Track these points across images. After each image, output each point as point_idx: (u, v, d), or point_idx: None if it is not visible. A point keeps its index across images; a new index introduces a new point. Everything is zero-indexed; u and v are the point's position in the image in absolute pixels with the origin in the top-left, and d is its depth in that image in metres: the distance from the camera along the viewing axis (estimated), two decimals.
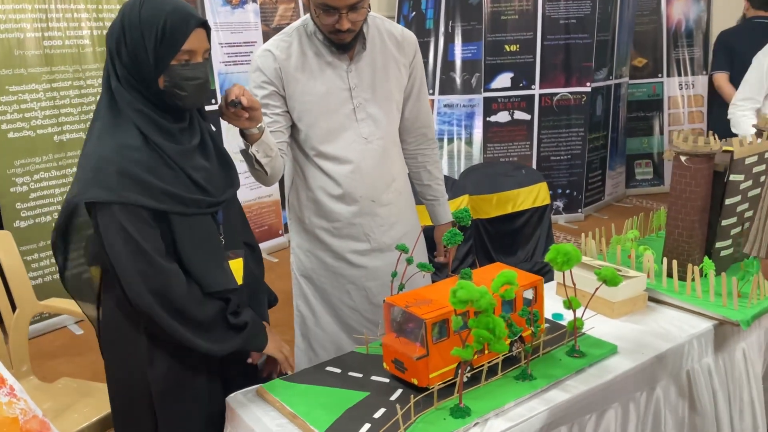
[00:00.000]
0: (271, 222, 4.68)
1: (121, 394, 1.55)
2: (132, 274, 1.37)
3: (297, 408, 1.37)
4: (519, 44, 4.77)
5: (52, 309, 2.30)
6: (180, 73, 1.37)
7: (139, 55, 1.36)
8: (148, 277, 1.37)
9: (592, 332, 1.63)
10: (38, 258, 3.41)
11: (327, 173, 1.91)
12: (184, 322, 1.41)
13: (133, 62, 1.37)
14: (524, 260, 3.12)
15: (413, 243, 1.93)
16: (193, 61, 1.39)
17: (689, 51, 5.72)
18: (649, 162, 5.86)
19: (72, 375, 2.24)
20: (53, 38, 3.37)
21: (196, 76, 1.39)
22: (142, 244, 1.36)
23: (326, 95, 1.86)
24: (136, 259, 1.36)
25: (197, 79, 1.39)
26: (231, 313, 1.46)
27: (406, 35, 1.97)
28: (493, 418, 1.34)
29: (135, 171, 1.34)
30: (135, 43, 1.36)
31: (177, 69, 1.37)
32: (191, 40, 1.37)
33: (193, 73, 1.39)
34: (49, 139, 3.40)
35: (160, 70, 1.36)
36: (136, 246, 1.36)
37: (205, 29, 1.41)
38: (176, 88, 1.38)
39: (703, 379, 1.68)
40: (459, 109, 4.82)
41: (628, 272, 1.82)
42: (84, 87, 3.51)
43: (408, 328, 1.40)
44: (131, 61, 1.37)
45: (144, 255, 1.36)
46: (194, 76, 1.39)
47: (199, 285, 1.42)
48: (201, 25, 1.39)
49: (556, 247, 1.45)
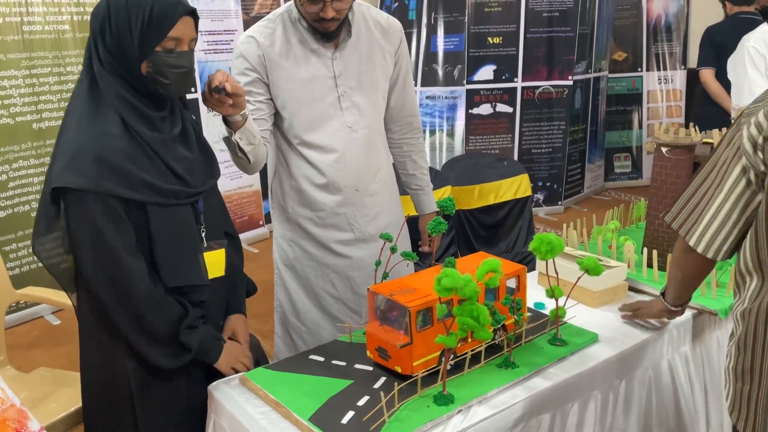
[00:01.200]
0: (252, 212, 4.65)
1: (97, 389, 1.53)
2: (94, 267, 1.36)
3: (280, 396, 1.36)
4: (502, 36, 4.78)
5: (29, 298, 2.26)
6: (164, 60, 1.35)
7: (124, 38, 1.34)
8: (110, 273, 1.36)
9: (573, 321, 1.64)
10: (16, 248, 3.35)
11: (311, 162, 1.90)
12: (138, 328, 1.40)
13: (117, 45, 1.35)
14: (506, 251, 3.14)
15: (397, 233, 1.93)
16: (179, 49, 1.37)
17: (668, 46, 5.78)
18: (628, 155, 5.92)
19: (49, 365, 2.21)
20: (33, 23, 3.30)
21: (180, 64, 1.37)
22: (110, 239, 1.34)
23: (310, 83, 1.85)
24: (100, 253, 1.35)
25: (181, 68, 1.38)
26: (186, 327, 1.43)
27: (391, 23, 1.96)
28: (477, 405, 1.34)
29: (114, 159, 1.32)
30: (121, 24, 1.33)
31: (162, 56, 1.35)
32: (178, 27, 1.35)
33: (178, 61, 1.37)
34: (28, 126, 3.34)
35: (145, 54, 1.34)
36: (103, 240, 1.34)
37: (194, 18, 1.39)
38: (159, 75, 1.36)
39: (681, 366, 1.71)
40: (441, 101, 4.83)
41: (609, 262, 1.84)
42: (64, 74, 3.45)
43: (392, 316, 1.40)
44: (115, 43, 1.35)
45: (109, 250, 1.35)
46: (179, 65, 1.37)
47: (164, 278, 1.41)
48: (190, 14, 1.37)
49: (539, 236, 1.46)
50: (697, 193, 1.25)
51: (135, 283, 1.37)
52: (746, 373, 1.19)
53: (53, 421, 1.78)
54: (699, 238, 1.24)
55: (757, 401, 1.17)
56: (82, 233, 1.35)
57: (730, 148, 1.19)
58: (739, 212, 1.19)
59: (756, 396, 1.17)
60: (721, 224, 1.21)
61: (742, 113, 1.18)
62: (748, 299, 1.19)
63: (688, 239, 1.25)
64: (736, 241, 1.22)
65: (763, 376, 1.16)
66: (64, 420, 1.81)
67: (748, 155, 1.14)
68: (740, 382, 1.20)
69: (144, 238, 1.39)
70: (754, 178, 1.15)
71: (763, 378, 1.16)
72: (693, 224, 1.25)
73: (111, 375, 1.48)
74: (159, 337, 1.41)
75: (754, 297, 1.18)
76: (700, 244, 1.23)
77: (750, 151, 1.14)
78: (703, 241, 1.23)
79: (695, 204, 1.25)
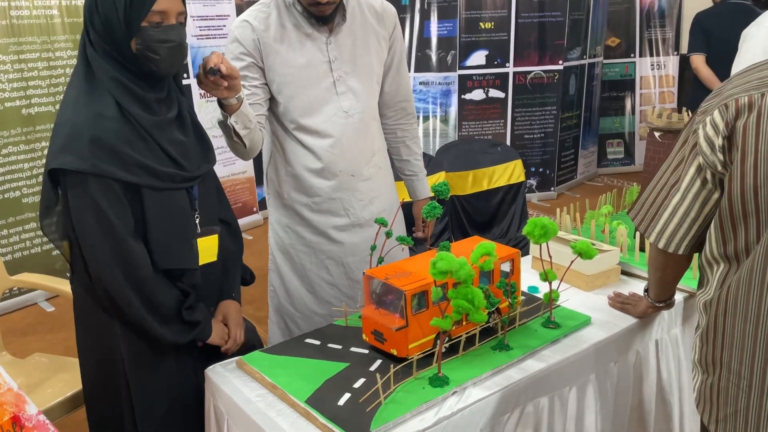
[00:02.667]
0: (246, 199, 4.64)
1: (94, 371, 1.55)
2: (102, 250, 1.36)
3: (277, 379, 1.38)
4: (494, 22, 4.77)
5: (24, 284, 2.26)
6: (152, 35, 1.35)
7: (111, 20, 1.34)
8: (116, 254, 1.36)
9: (566, 304, 1.66)
10: (7, 234, 3.34)
11: (307, 147, 1.90)
12: (149, 306, 1.41)
13: (105, 28, 1.35)
14: (499, 236, 3.16)
15: (392, 219, 1.94)
16: (166, 22, 1.37)
17: (661, 32, 5.78)
18: (620, 141, 5.94)
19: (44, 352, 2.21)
20: (21, 8, 3.26)
21: (169, 38, 1.37)
22: (114, 221, 1.35)
23: (306, 67, 1.84)
24: (106, 235, 1.35)
25: (170, 42, 1.37)
26: (186, 308, 1.46)
27: (386, 7, 1.96)
28: (471, 386, 1.36)
29: (109, 141, 1.32)
30: (107, 7, 1.34)
31: (149, 31, 1.35)
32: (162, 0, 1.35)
33: (165, 35, 1.36)
34: (17, 112, 3.31)
35: (132, 32, 1.34)
36: (107, 222, 1.34)
37: None
38: (149, 51, 1.35)
39: (671, 348, 1.73)
40: (434, 87, 4.82)
41: (602, 246, 1.86)
42: (53, 59, 3.42)
43: (387, 300, 1.41)
44: (104, 26, 1.35)
45: (114, 232, 1.35)
46: (167, 39, 1.36)
47: (156, 261, 1.41)
48: None
49: (533, 220, 1.47)
50: (654, 191, 1.26)
51: (140, 263, 1.38)
52: (709, 365, 1.20)
53: (50, 405, 1.79)
54: (658, 235, 1.24)
55: (719, 392, 1.18)
56: (84, 216, 1.35)
57: (686, 146, 1.19)
58: (697, 210, 1.19)
59: (717, 387, 1.18)
60: (679, 222, 1.21)
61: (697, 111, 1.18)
62: (715, 287, 1.19)
63: (648, 236, 1.27)
64: (696, 236, 1.22)
65: (723, 368, 1.16)
66: (60, 404, 1.82)
67: (705, 155, 1.14)
68: (705, 374, 1.21)
69: (139, 221, 1.40)
70: (710, 177, 1.15)
71: (723, 369, 1.17)
72: (651, 221, 1.25)
73: (106, 356, 1.49)
74: (167, 315, 1.43)
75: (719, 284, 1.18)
76: (662, 240, 1.24)
77: (707, 152, 1.13)
78: (663, 238, 1.24)
79: (652, 202, 1.25)
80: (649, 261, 1.41)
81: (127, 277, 1.38)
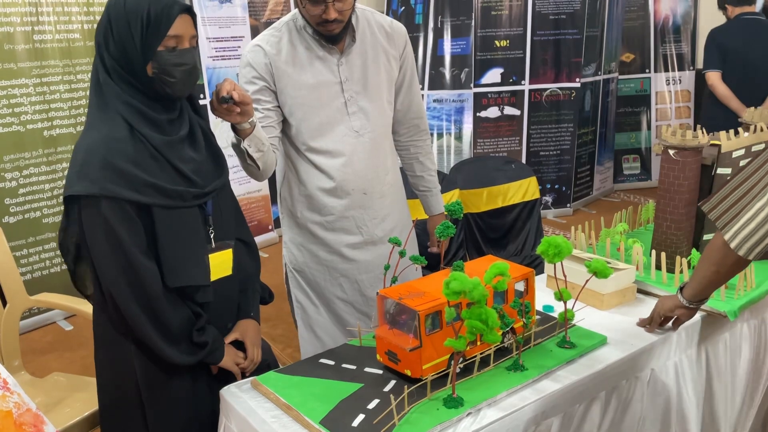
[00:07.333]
0: (261, 217, 4.67)
1: (110, 390, 1.56)
2: (111, 269, 1.38)
3: (291, 399, 1.38)
4: (509, 40, 4.79)
5: (43, 304, 2.29)
6: (168, 59, 1.38)
7: (127, 45, 1.37)
8: (126, 274, 1.38)
9: (582, 323, 1.65)
10: (27, 254, 3.39)
11: (319, 167, 1.92)
12: (156, 325, 1.42)
13: (121, 53, 1.38)
14: (514, 254, 3.14)
15: (404, 236, 1.94)
16: (180, 47, 1.40)
17: (676, 47, 5.76)
18: (636, 157, 5.90)
19: (62, 371, 2.24)
20: (44, 32, 3.34)
21: (184, 62, 1.40)
22: (124, 240, 1.37)
23: (317, 89, 1.87)
24: (116, 254, 1.37)
25: (185, 65, 1.40)
26: (197, 329, 1.47)
27: (395, 26, 1.98)
28: (486, 407, 1.35)
29: (119, 162, 1.35)
30: (122, 33, 1.37)
31: (164, 55, 1.38)
32: (176, 25, 1.38)
33: (180, 59, 1.40)
34: (38, 134, 3.38)
35: (148, 57, 1.37)
36: (117, 241, 1.37)
37: (191, 15, 1.42)
38: (165, 74, 1.39)
39: (687, 368, 1.71)
40: (449, 105, 4.83)
41: (618, 264, 1.84)
42: (74, 81, 3.49)
43: (401, 320, 1.41)
44: (119, 51, 1.38)
45: (124, 251, 1.37)
46: (182, 62, 1.40)
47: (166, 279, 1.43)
48: (186, 11, 1.40)
49: (547, 239, 1.46)
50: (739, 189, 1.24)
51: (150, 282, 1.40)
52: None
53: (68, 425, 1.80)
54: (735, 234, 1.23)
55: None
56: (95, 234, 1.37)
57: None
58: None
59: None
60: (757, 226, 1.20)
61: None
62: None
63: (724, 233, 1.25)
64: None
65: None
66: (78, 424, 1.83)
67: None
68: None
69: (150, 240, 1.42)
70: None
71: None
72: (731, 219, 1.24)
73: (121, 375, 1.50)
74: (175, 335, 1.44)
75: None
76: (734, 240, 1.23)
77: None
78: (738, 237, 1.22)
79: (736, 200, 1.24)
80: (705, 254, 1.38)
81: (136, 295, 1.39)
